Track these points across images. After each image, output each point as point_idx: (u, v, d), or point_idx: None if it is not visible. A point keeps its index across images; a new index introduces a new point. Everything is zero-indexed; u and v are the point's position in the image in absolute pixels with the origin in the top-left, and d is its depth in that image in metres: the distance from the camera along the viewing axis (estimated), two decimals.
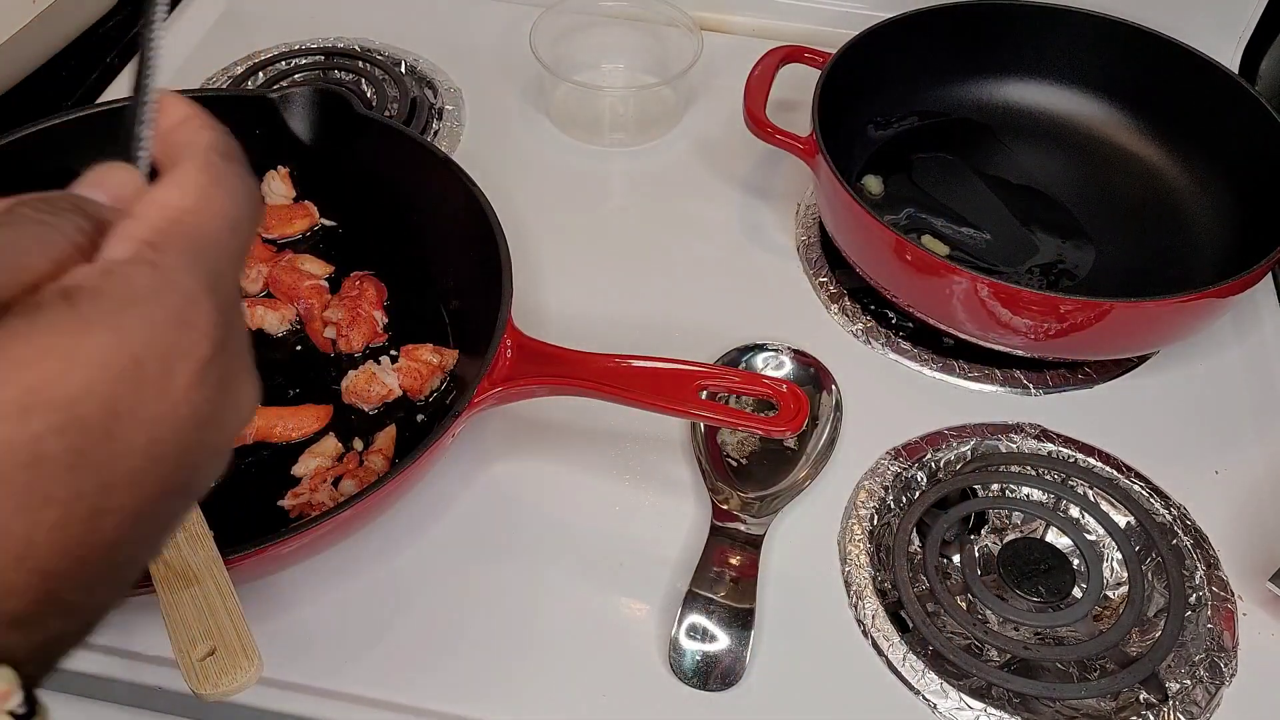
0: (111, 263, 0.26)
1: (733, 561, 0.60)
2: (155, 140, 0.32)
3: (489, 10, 1.01)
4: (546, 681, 0.57)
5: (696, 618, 0.58)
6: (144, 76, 0.34)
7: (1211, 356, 0.74)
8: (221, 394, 0.27)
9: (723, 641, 0.57)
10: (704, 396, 0.59)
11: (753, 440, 0.67)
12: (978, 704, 0.55)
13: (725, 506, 0.63)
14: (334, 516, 0.52)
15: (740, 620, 0.58)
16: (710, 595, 0.58)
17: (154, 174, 0.32)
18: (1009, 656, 0.58)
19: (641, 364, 0.59)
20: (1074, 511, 0.64)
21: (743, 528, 0.62)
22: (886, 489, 0.65)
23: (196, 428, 0.26)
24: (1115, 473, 0.66)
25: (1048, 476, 0.65)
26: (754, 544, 0.61)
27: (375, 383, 0.65)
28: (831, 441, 0.67)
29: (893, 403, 0.70)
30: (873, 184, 0.83)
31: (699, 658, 0.57)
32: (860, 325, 0.75)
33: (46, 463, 0.23)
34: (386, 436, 0.64)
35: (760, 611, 0.59)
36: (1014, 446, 0.67)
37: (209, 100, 0.75)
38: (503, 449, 0.67)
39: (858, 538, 0.62)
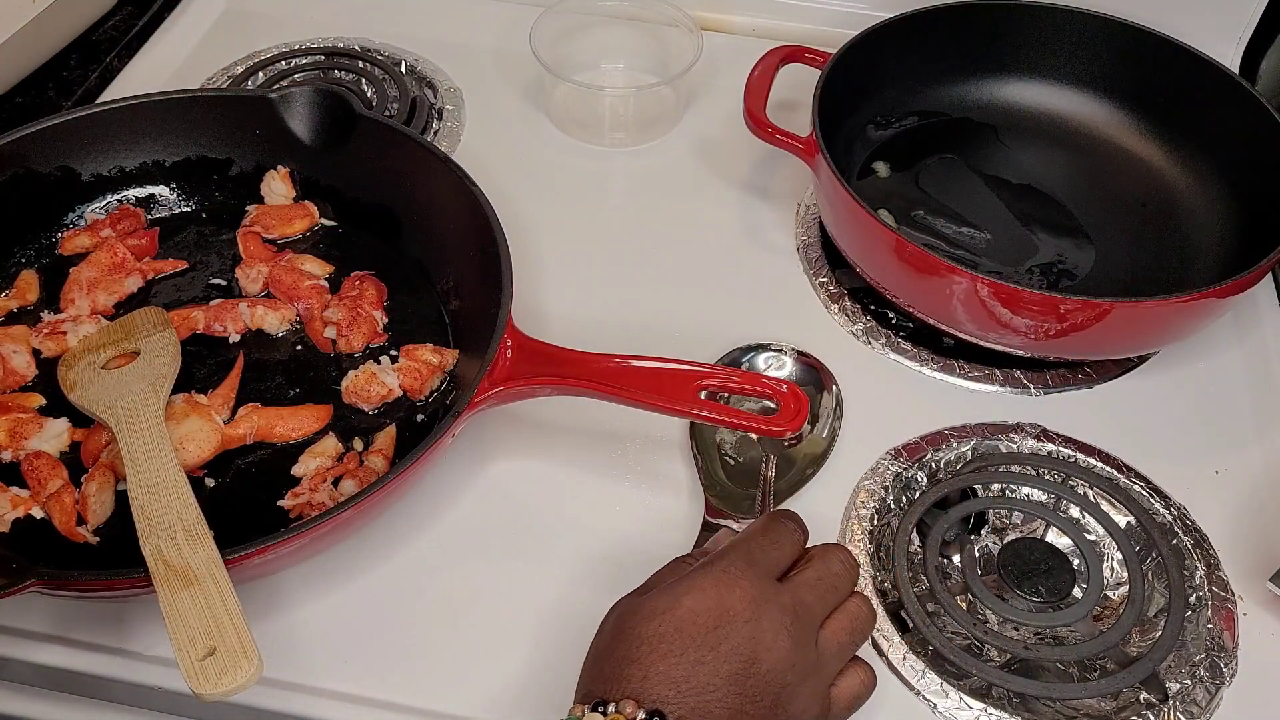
0: (714, 556, 0.50)
1: None
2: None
3: (489, 10, 1.01)
4: (547, 682, 0.57)
5: None
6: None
7: (1211, 356, 0.74)
8: (778, 632, 0.46)
9: None
10: (704, 396, 0.59)
11: (750, 439, 0.67)
12: (978, 704, 0.55)
13: (719, 504, 0.63)
14: (334, 516, 0.52)
15: None
16: None
17: None
18: (1009, 656, 0.58)
19: (641, 364, 0.59)
20: (1074, 511, 0.64)
21: (734, 525, 0.62)
22: (886, 489, 0.65)
23: (751, 641, 0.45)
24: (1115, 473, 0.66)
25: (1048, 476, 0.65)
26: None
27: (375, 383, 0.65)
28: (831, 441, 0.67)
29: (893, 403, 0.70)
30: (882, 170, 0.83)
31: None
32: (860, 325, 0.75)
33: (689, 635, 0.45)
34: (386, 436, 0.64)
35: None
36: (1014, 446, 0.67)
37: (209, 100, 0.76)
38: (503, 449, 0.67)
39: (858, 538, 0.62)
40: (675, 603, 0.46)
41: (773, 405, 0.58)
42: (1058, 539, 0.63)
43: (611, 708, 0.43)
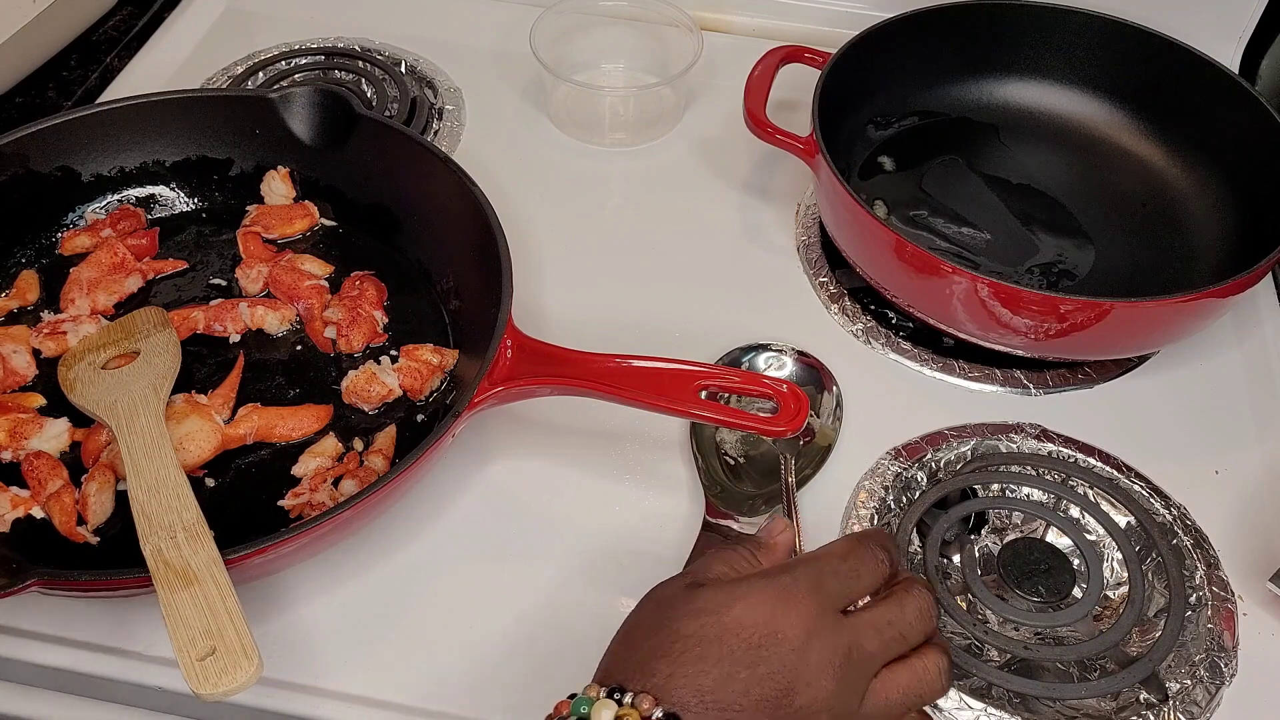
0: (783, 566, 0.47)
1: None
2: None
3: (489, 10, 1.01)
4: (546, 682, 0.57)
5: None
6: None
7: (1211, 356, 0.74)
8: (823, 669, 0.43)
9: None
10: (704, 396, 0.59)
11: (750, 439, 0.67)
12: (978, 704, 0.55)
13: (719, 504, 0.63)
14: (334, 516, 0.52)
15: None
16: None
17: None
18: (1009, 656, 0.58)
19: (641, 364, 0.59)
20: (1074, 511, 0.64)
21: (735, 526, 0.62)
22: (886, 489, 0.65)
23: (791, 671, 0.42)
24: (1115, 473, 0.66)
25: (1048, 476, 0.65)
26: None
27: (375, 383, 0.65)
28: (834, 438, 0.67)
29: (893, 403, 0.70)
30: (887, 164, 0.83)
31: None
32: (860, 325, 0.75)
33: (729, 646, 0.43)
34: (386, 436, 0.64)
35: None
36: (1014, 446, 0.67)
37: (209, 100, 0.76)
38: (503, 449, 0.67)
39: None
40: (725, 607, 0.44)
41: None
42: (1058, 539, 0.63)
43: (629, 698, 0.41)
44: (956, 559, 0.63)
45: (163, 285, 0.73)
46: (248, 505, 0.61)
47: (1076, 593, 0.61)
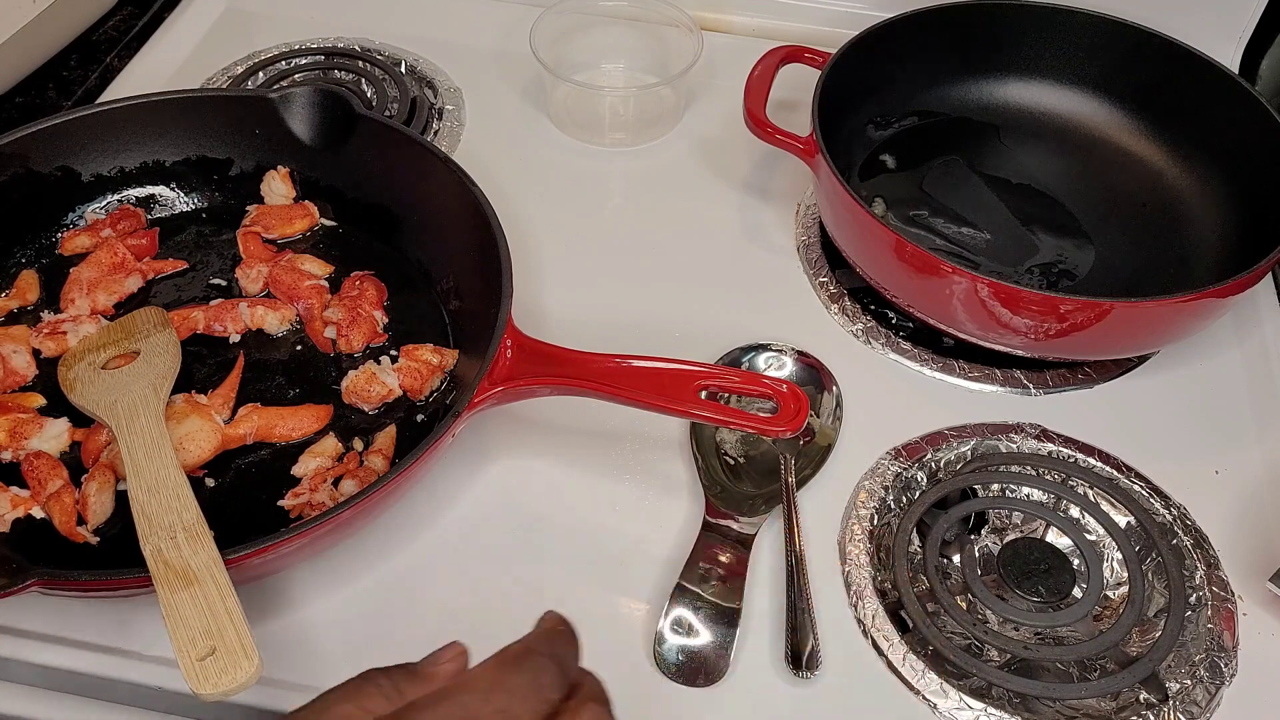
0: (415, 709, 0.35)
1: (722, 559, 0.60)
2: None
3: (489, 10, 1.01)
4: None
5: (682, 612, 0.58)
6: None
7: (1211, 356, 0.74)
8: None
9: (706, 638, 0.57)
10: (704, 396, 0.59)
11: (750, 439, 0.67)
12: (978, 704, 0.55)
13: (719, 504, 0.63)
14: (334, 516, 0.52)
15: (726, 618, 0.58)
16: (699, 591, 0.58)
17: None
18: (1009, 656, 0.58)
19: (641, 364, 0.59)
20: (1074, 511, 0.64)
21: (735, 526, 0.62)
22: (886, 489, 0.65)
23: None
24: (1115, 473, 0.66)
25: (1048, 476, 0.65)
26: (744, 543, 0.61)
27: (375, 383, 0.65)
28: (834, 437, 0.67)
29: (893, 403, 0.70)
30: (889, 164, 0.84)
31: (681, 652, 0.56)
32: (860, 325, 0.75)
33: None
34: (386, 436, 0.64)
35: (759, 609, 0.59)
36: (1014, 446, 0.67)
37: (209, 100, 0.76)
38: (503, 449, 0.67)
39: (858, 538, 0.62)
40: None
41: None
42: (1058, 539, 0.63)
43: None
44: (956, 559, 0.63)
45: (163, 285, 0.73)
46: (248, 505, 0.61)
47: (1076, 593, 0.61)
